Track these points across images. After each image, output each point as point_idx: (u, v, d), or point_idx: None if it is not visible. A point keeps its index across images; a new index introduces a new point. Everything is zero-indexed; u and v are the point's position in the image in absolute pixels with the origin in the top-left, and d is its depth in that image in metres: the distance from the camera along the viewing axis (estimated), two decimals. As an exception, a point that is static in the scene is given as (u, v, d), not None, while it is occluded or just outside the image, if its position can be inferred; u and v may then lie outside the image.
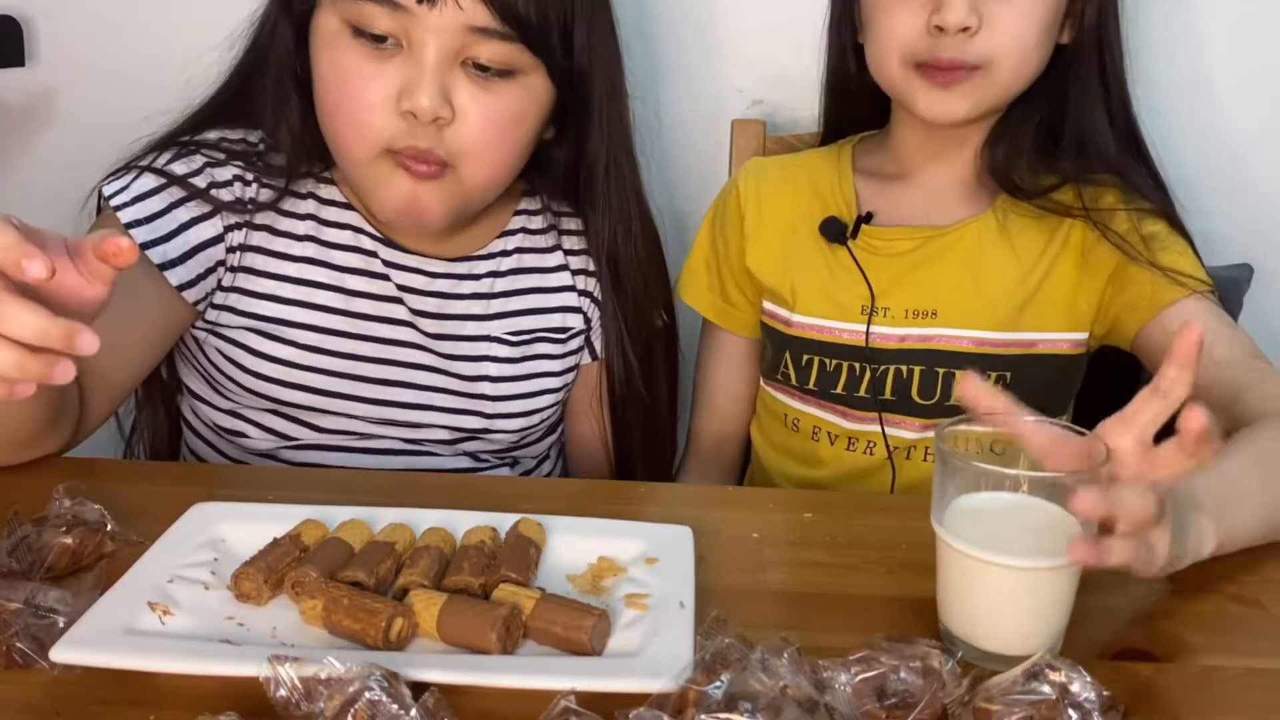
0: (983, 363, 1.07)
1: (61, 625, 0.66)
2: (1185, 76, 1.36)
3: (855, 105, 1.18)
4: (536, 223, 1.14)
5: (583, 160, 1.08)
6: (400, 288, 1.07)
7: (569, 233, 1.15)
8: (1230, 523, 0.78)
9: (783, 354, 1.15)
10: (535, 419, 1.11)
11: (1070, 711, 0.59)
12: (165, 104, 1.06)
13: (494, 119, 0.97)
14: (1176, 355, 0.68)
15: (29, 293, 0.65)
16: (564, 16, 0.97)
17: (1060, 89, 1.08)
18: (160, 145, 1.03)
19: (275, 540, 0.75)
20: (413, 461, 1.08)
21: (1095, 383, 1.17)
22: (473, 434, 1.09)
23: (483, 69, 0.95)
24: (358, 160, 0.98)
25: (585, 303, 1.14)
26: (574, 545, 0.79)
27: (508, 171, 1.02)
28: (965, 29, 1.00)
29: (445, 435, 1.08)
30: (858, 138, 1.21)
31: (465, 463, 1.11)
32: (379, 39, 0.94)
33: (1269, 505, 0.82)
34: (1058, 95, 1.08)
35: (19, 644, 0.65)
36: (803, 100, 1.38)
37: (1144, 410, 0.70)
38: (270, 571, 0.72)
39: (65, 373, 0.66)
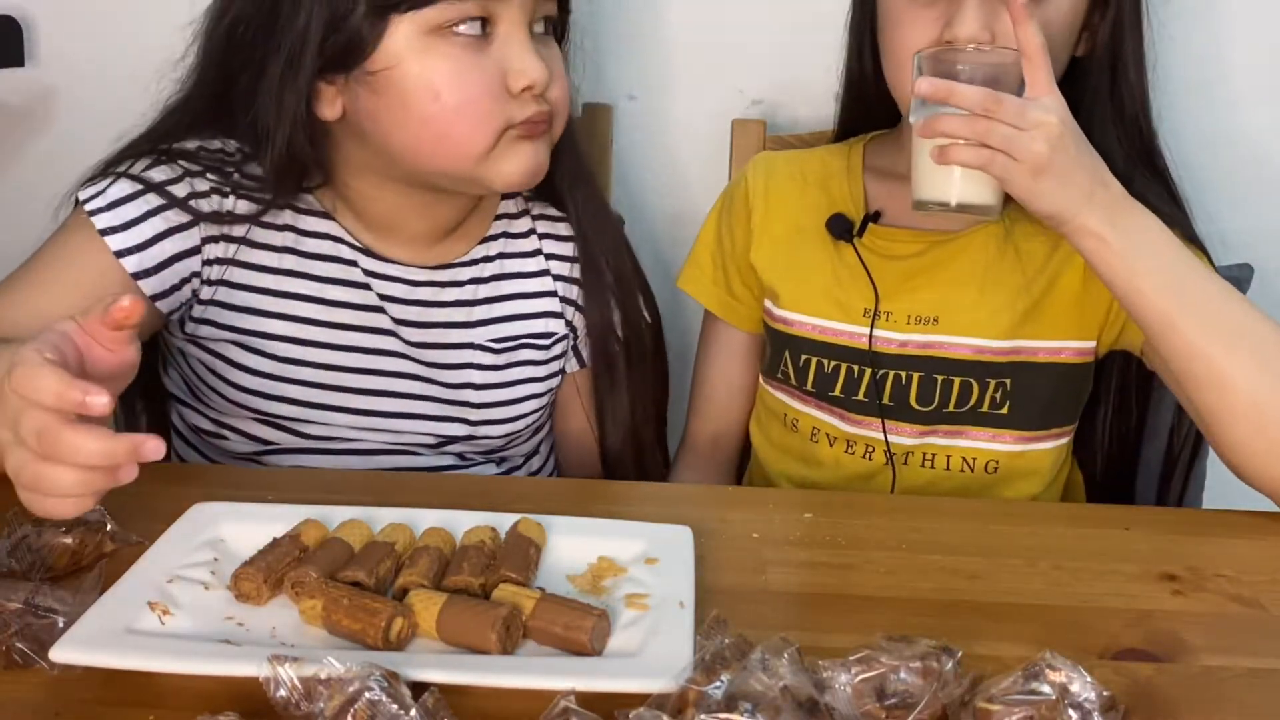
0: (982, 370, 1.07)
1: (61, 625, 0.66)
2: (1186, 78, 1.36)
3: (871, 106, 1.18)
4: (517, 227, 1.14)
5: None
6: (382, 297, 1.06)
7: (549, 236, 1.14)
8: (1128, 227, 0.91)
9: (782, 353, 1.15)
10: (520, 424, 1.11)
11: (1070, 711, 0.59)
12: (162, 106, 1.05)
13: (561, 72, 1.02)
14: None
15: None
16: None
17: (1071, 100, 1.07)
18: (137, 151, 1.01)
19: (275, 540, 0.75)
20: (397, 461, 1.08)
21: (1103, 390, 1.17)
22: (457, 440, 1.09)
23: (540, 33, 1.00)
24: (477, 154, 0.97)
25: (568, 310, 1.14)
26: (574, 545, 0.79)
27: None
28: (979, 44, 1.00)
29: (430, 441, 1.08)
30: (869, 136, 1.20)
31: (451, 461, 1.11)
32: (469, 32, 0.95)
33: (1178, 265, 0.92)
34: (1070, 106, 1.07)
35: (19, 644, 0.65)
36: (803, 100, 1.38)
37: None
38: (270, 571, 0.72)
39: (129, 475, 0.67)
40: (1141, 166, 1.09)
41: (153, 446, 0.65)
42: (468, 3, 0.93)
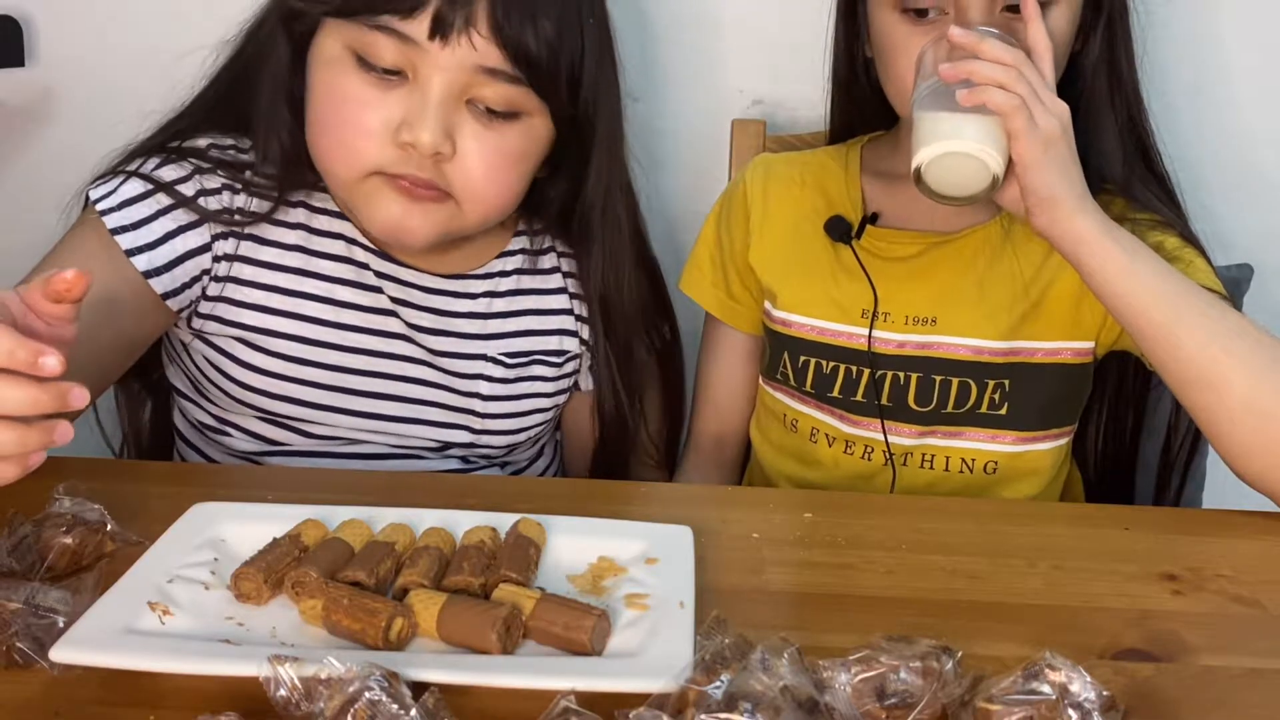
0: (981, 371, 1.07)
1: (61, 625, 0.66)
2: (1185, 78, 1.36)
3: (864, 110, 1.18)
4: (537, 244, 1.13)
5: (578, 201, 1.07)
6: (394, 300, 1.06)
7: (568, 255, 1.14)
8: (1119, 235, 0.92)
9: (781, 354, 1.15)
10: (522, 436, 1.11)
11: (1070, 711, 0.59)
12: (165, 104, 1.05)
13: (495, 159, 0.96)
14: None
15: None
16: (574, 60, 0.96)
17: (1069, 98, 1.07)
18: (149, 150, 1.02)
19: (275, 540, 0.75)
20: (401, 465, 1.08)
21: (1103, 391, 1.17)
22: (459, 445, 1.09)
23: (486, 109, 0.95)
24: (344, 180, 0.98)
25: (583, 329, 1.13)
26: (574, 545, 0.79)
27: (504, 208, 1.02)
28: None
29: (432, 445, 1.08)
30: (867, 138, 1.20)
31: (455, 464, 1.10)
32: (383, 70, 0.93)
33: (1169, 274, 0.93)
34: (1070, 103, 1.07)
35: (19, 644, 0.65)
36: (803, 100, 1.38)
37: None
38: (270, 571, 0.72)
39: (65, 434, 0.67)
40: (1139, 165, 1.09)
41: (78, 394, 0.65)
42: (383, 37, 0.91)
